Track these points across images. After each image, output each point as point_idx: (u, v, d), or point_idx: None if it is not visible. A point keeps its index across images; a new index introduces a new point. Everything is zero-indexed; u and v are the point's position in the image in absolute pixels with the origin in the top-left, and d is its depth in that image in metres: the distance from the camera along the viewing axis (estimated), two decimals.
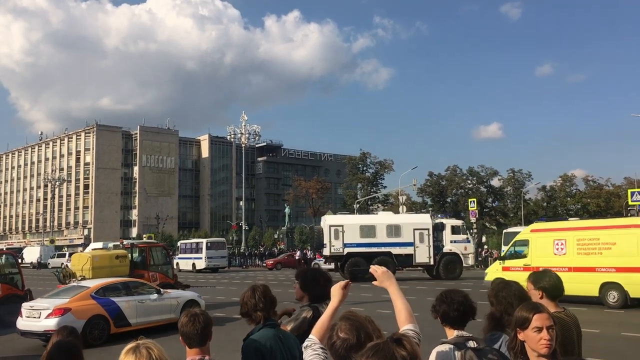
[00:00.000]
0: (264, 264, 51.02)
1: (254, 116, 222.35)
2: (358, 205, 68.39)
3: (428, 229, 30.91)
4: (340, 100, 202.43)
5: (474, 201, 57.08)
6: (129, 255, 20.58)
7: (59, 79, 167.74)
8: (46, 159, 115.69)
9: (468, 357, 3.02)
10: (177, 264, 44.04)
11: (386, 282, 2.90)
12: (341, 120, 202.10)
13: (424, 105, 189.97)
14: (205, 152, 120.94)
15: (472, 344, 3.13)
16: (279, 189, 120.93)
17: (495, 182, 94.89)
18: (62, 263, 60.61)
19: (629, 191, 42.89)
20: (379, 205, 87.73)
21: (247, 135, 67.81)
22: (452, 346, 3.12)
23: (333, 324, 2.58)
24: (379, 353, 1.57)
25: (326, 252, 30.65)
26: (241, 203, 78.86)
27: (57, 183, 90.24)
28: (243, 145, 69.57)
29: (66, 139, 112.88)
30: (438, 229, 31.58)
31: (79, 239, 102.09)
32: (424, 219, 32.91)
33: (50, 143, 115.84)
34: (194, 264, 46.09)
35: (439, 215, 37.63)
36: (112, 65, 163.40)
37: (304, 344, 2.74)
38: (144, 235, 76.19)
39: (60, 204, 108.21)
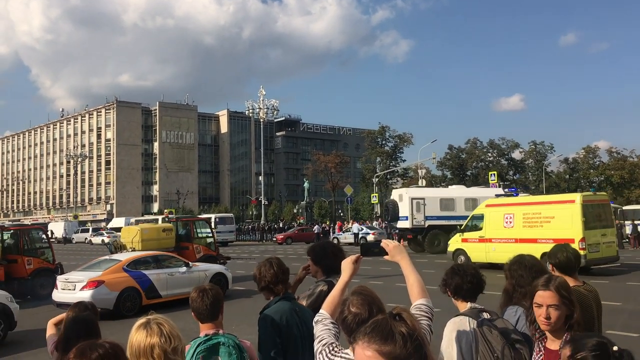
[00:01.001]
0: (274, 238, 50.29)
1: (272, 91, 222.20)
2: (377, 179, 68.18)
3: None
4: (359, 73, 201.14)
5: (494, 174, 56.38)
6: (175, 228, 21.42)
7: (79, 55, 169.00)
8: (68, 136, 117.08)
9: (485, 328, 3.01)
10: None
11: (398, 256, 2.86)
12: (360, 94, 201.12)
13: (444, 77, 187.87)
14: (224, 128, 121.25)
15: (486, 315, 3.11)
16: (297, 163, 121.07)
17: (517, 155, 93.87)
18: (86, 238, 61.75)
19: None
20: (399, 179, 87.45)
21: (265, 110, 67.69)
22: (468, 317, 3.10)
23: (345, 298, 2.56)
24: (377, 329, 1.57)
25: (407, 224, 30.96)
26: (260, 178, 79.15)
27: (79, 159, 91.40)
28: (262, 120, 69.47)
29: (87, 116, 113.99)
30: None
31: (102, 214, 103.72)
32: (498, 192, 32.81)
33: (72, 120, 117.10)
34: None
35: (507, 190, 37.83)
36: (131, 42, 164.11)
37: (315, 319, 2.72)
38: (165, 211, 77.06)
39: (82, 180, 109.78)
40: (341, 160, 79.12)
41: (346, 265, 2.93)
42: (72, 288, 13.43)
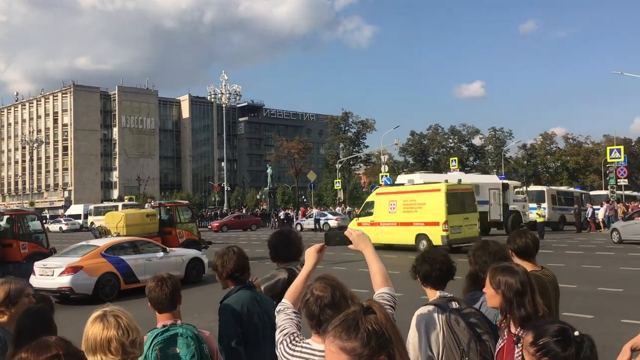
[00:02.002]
0: (209, 226, 47.20)
1: (235, 76, 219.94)
2: (340, 165, 68.41)
3: (499, 189, 32.37)
4: (323, 59, 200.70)
5: (455, 160, 57.39)
6: (158, 213, 22.10)
7: (34, 38, 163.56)
8: (23, 121, 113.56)
9: (453, 319, 3.01)
10: None
11: (361, 244, 2.84)
12: (323, 80, 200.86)
13: (407, 63, 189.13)
14: (185, 113, 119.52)
15: (454, 304, 3.12)
16: (260, 149, 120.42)
17: (477, 141, 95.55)
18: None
19: (608, 149, 43.33)
20: (361, 165, 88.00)
21: (227, 95, 67.02)
22: (435, 307, 3.10)
23: (309, 284, 2.53)
24: (344, 324, 1.56)
25: None
26: (223, 164, 78.47)
27: (35, 145, 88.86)
28: (224, 106, 68.80)
29: (43, 100, 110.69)
30: (504, 188, 33.05)
31: (60, 201, 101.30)
32: (495, 180, 34.89)
33: (27, 104, 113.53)
34: None
35: (500, 176, 40.28)
36: (88, 24, 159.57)
37: (277, 308, 2.69)
38: (125, 197, 75.77)
39: (39, 166, 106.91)
40: (304, 146, 79.09)
41: (310, 254, 2.91)
42: (51, 274, 13.53)
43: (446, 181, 24.22)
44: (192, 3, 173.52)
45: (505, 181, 35.25)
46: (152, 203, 28.25)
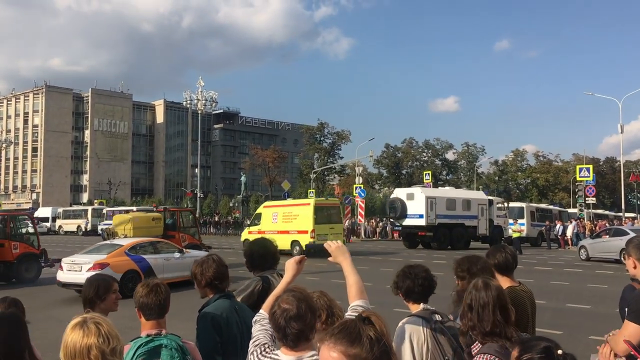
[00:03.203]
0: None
1: (211, 82, 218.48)
2: (315, 176, 68.44)
3: (486, 204, 34.43)
4: (300, 69, 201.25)
5: (429, 173, 57.97)
6: (162, 217, 23.50)
7: (7, 36, 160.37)
8: None
9: (438, 330, 3.03)
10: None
11: (340, 257, 2.88)
12: (300, 90, 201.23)
13: (383, 76, 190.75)
14: (160, 118, 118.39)
15: (437, 317, 3.14)
16: (235, 157, 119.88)
17: (450, 155, 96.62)
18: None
19: (577, 167, 44.29)
20: (336, 175, 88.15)
21: (203, 101, 66.44)
22: (419, 319, 3.12)
23: (278, 296, 2.54)
24: (345, 331, 1.59)
25: (422, 222, 31.94)
26: (196, 170, 77.85)
27: (4, 145, 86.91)
28: (199, 112, 68.20)
29: (14, 100, 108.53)
30: (490, 204, 34.82)
31: (27, 203, 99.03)
32: (482, 196, 37.43)
33: None
34: None
35: (485, 192, 43.37)
36: (64, 25, 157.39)
37: (254, 319, 2.70)
38: (95, 201, 74.55)
39: (7, 167, 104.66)
40: (279, 155, 78.95)
41: (290, 266, 2.96)
42: (79, 269, 14.44)
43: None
44: (171, 7, 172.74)
45: (490, 197, 37.08)
46: (158, 207, 29.65)
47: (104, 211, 53.01)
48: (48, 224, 58.98)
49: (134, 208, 52.19)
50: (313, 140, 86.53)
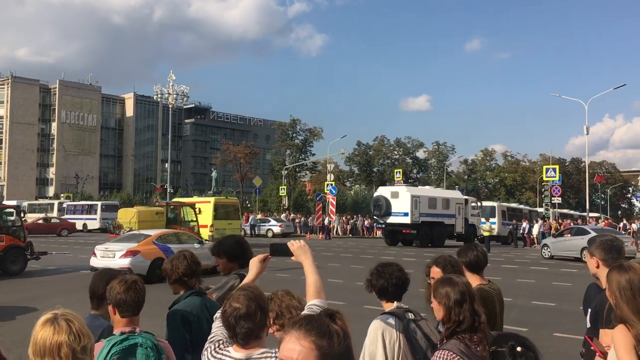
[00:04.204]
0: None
1: (183, 76, 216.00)
2: (286, 172, 68.34)
3: (462, 204, 35.50)
4: (273, 65, 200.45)
5: (399, 171, 58.37)
6: (165, 212, 25.27)
7: None
8: None
9: (411, 328, 3.05)
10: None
11: (302, 256, 2.91)
12: (272, 86, 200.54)
13: (356, 74, 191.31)
14: (129, 111, 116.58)
15: (410, 315, 3.17)
16: (206, 152, 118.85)
17: (421, 154, 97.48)
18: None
19: (544, 167, 45.14)
20: (307, 172, 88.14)
21: (174, 95, 65.73)
22: (392, 317, 3.14)
23: (231, 293, 2.55)
24: (314, 324, 1.61)
25: (407, 219, 32.53)
26: (166, 165, 77.01)
27: None
28: (170, 106, 67.45)
29: None
30: (465, 203, 35.85)
31: None
32: (459, 195, 38.79)
33: None
34: (85, 225, 47.33)
35: (461, 192, 44.57)
36: (31, 14, 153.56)
37: (215, 315, 2.71)
38: (62, 195, 73.11)
39: None
40: (251, 151, 78.59)
41: (253, 264, 3.02)
42: (112, 256, 15.66)
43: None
44: (142, 0, 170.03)
45: (466, 197, 38.21)
46: (159, 202, 32.25)
47: (64, 205, 51.95)
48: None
49: (99, 203, 51.74)
50: (285, 136, 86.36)
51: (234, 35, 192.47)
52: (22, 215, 21.13)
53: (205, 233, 27.49)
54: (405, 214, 32.59)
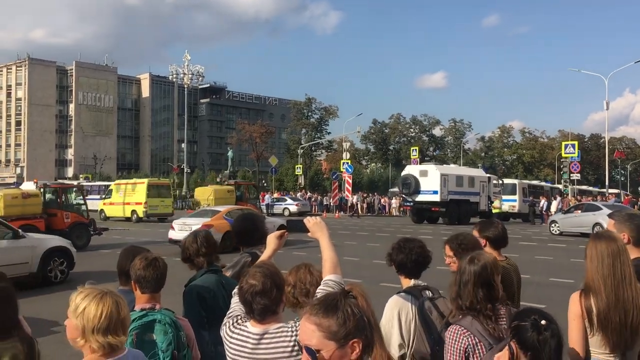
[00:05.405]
0: None
1: (198, 56, 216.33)
2: (302, 151, 68.33)
3: (486, 181, 36.09)
4: (288, 43, 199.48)
5: (416, 149, 57.98)
6: (234, 190, 29.51)
7: None
8: None
9: (426, 307, 3.03)
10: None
11: (318, 233, 2.91)
12: (287, 64, 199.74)
13: (371, 51, 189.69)
14: (145, 92, 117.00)
15: (428, 293, 3.14)
16: (222, 131, 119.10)
17: (437, 132, 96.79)
18: None
19: (563, 144, 44.56)
20: (323, 151, 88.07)
21: (190, 75, 65.78)
22: (408, 295, 3.12)
23: (248, 270, 2.60)
24: (323, 303, 1.62)
25: (436, 197, 33.14)
26: (183, 145, 77.28)
27: None
28: (186, 86, 67.59)
29: None
30: (488, 181, 36.43)
31: (11, 177, 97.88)
32: (482, 173, 39.13)
33: None
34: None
35: (483, 169, 45.26)
36: None
37: (233, 291, 2.73)
38: (81, 176, 73.96)
39: None
40: (266, 131, 78.61)
41: (270, 240, 3.09)
42: (189, 229, 15.82)
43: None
44: None
45: (488, 175, 38.53)
46: (229, 181, 35.89)
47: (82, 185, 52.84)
48: None
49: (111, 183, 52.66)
50: (300, 115, 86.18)
51: (248, 14, 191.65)
52: (84, 194, 22.72)
53: (140, 210, 33.04)
54: (435, 192, 33.03)
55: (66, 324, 2.28)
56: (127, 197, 34.19)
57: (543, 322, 1.99)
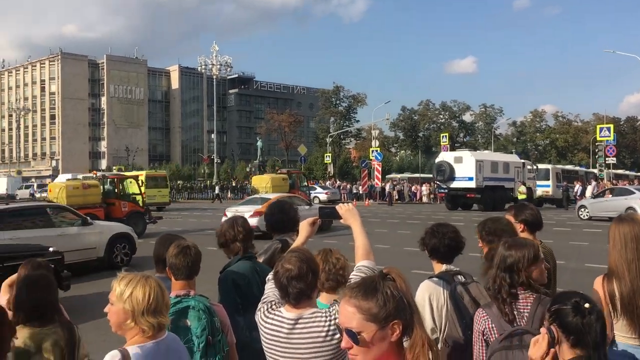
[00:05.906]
0: None
1: (226, 47, 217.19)
2: (331, 140, 68.28)
3: (520, 167, 35.92)
4: (315, 32, 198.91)
5: (445, 136, 57.43)
6: (287, 179, 31.57)
7: (19, 2, 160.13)
8: (9, 88, 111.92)
9: (458, 292, 3.02)
10: None
11: (350, 219, 2.92)
12: (315, 53, 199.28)
13: (399, 38, 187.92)
14: (175, 83, 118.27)
15: (460, 278, 3.12)
16: (251, 121, 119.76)
17: (467, 117, 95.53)
18: (31, 194, 59.66)
19: (598, 127, 43.59)
20: (352, 139, 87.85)
21: (218, 66, 66.29)
22: (440, 280, 3.11)
23: (283, 255, 2.63)
24: (362, 285, 1.64)
25: (472, 184, 33.07)
26: (212, 136, 78.05)
27: (22, 113, 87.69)
28: (214, 77, 68.14)
29: (30, 67, 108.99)
30: (523, 167, 36.34)
31: (47, 170, 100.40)
32: (517, 159, 38.79)
33: (14, 71, 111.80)
34: None
35: (517, 155, 44.65)
36: None
37: (267, 277, 2.78)
38: (114, 168, 75.26)
39: (26, 135, 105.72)
40: (295, 120, 78.78)
41: (303, 227, 3.13)
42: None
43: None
44: None
45: (523, 160, 38.15)
46: (281, 170, 37.48)
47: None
48: None
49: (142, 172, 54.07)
50: (329, 104, 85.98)
51: (275, 3, 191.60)
52: (141, 184, 23.55)
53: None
54: (470, 179, 32.82)
55: (108, 310, 2.33)
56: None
57: (587, 305, 1.96)
